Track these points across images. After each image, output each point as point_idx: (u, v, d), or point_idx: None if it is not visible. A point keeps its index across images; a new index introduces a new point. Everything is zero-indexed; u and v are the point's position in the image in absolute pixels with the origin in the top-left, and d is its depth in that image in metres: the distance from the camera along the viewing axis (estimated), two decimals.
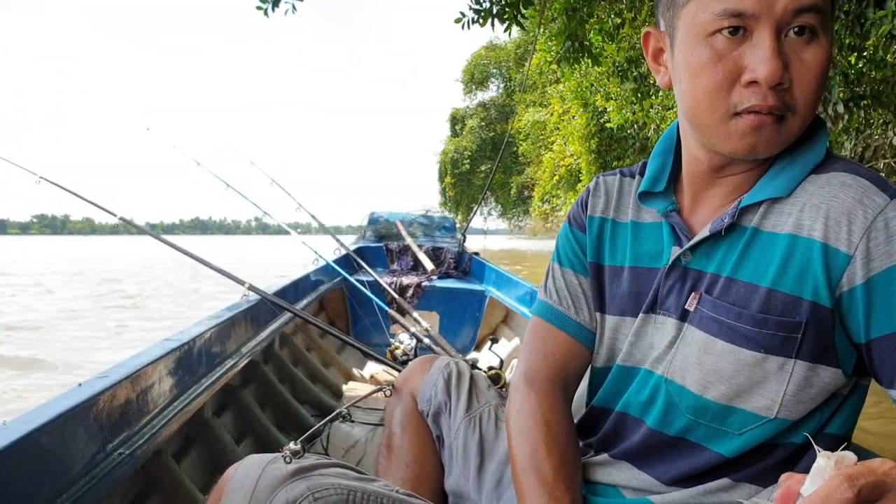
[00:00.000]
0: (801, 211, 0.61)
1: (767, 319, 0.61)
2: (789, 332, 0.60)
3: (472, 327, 3.22)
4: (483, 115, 30.35)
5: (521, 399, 0.77)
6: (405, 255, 3.79)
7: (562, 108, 17.19)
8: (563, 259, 0.82)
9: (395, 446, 0.99)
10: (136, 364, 1.20)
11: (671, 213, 0.71)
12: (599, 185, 0.82)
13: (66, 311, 8.06)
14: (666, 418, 0.69)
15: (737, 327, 0.62)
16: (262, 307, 2.03)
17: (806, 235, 0.60)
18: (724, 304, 0.64)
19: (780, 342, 0.60)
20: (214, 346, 1.60)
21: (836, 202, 0.59)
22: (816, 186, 0.62)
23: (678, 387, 0.67)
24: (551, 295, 0.81)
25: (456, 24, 3.89)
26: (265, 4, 3.69)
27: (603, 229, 0.79)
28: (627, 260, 0.75)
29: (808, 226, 0.60)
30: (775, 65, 0.56)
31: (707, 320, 0.65)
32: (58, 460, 0.92)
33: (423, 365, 1.03)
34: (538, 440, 0.72)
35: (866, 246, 0.56)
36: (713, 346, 0.64)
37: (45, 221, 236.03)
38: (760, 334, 0.61)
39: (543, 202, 22.07)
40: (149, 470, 1.27)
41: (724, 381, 0.63)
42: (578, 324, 0.80)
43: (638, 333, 0.73)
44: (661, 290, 0.70)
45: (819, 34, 0.58)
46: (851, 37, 3.23)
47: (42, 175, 2.02)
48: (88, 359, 4.91)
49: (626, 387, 0.74)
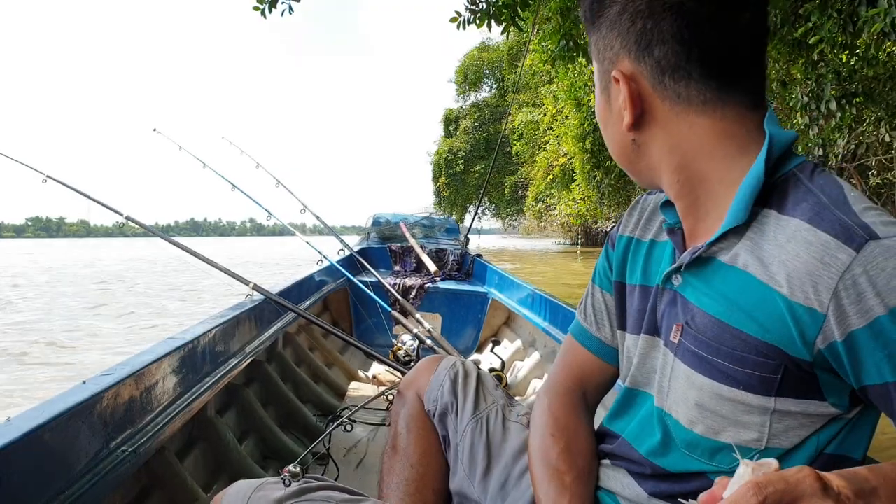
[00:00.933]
0: (770, 262, 0.58)
1: (745, 358, 0.59)
2: (768, 372, 0.58)
3: (475, 329, 3.23)
4: (476, 115, 30.39)
5: (538, 403, 0.83)
6: (409, 256, 3.81)
7: (555, 109, 17.24)
8: (596, 276, 0.84)
9: (401, 446, 0.98)
10: (140, 362, 1.19)
11: (676, 231, 0.69)
12: (637, 204, 0.81)
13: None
14: (663, 450, 0.68)
15: (715, 363, 0.61)
16: (265, 307, 2.03)
17: (776, 289, 0.57)
18: (703, 339, 0.62)
19: (758, 381, 0.59)
20: (218, 345, 1.60)
21: (798, 262, 0.56)
22: (784, 237, 0.57)
23: (673, 420, 0.66)
24: (581, 312, 0.85)
25: (452, 23, 3.90)
26: (262, 5, 3.69)
27: (629, 248, 0.79)
28: (639, 278, 0.75)
29: (776, 281, 0.57)
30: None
31: (689, 354, 0.64)
32: (61, 457, 0.91)
33: (429, 365, 1.03)
34: (545, 431, 0.78)
35: (837, 305, 0.54)
36: (695, 380, 0.63)
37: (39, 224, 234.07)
38: (739, 372, 0.60)
39: (537, 202, 22.12)
40: (152, 468, 1.27)
41: (708, 416, 0.62)
42: (598, 340, 0.82)
43: (643, 355, 0.72)
44: (658, 312, 0.69)
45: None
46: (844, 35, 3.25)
47: (49, 174, 2.01)
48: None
49: (630, 410, 0.74)
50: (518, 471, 0.87)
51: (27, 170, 2.00)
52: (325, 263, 3.03)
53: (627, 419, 0.74)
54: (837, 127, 3.97)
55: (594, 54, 0.68)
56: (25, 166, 2.00)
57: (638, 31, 0.61)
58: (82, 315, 7.95)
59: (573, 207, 17.79)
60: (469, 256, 3.80)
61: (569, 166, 17.59)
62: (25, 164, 2.00)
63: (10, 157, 1.96)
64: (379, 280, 3.20)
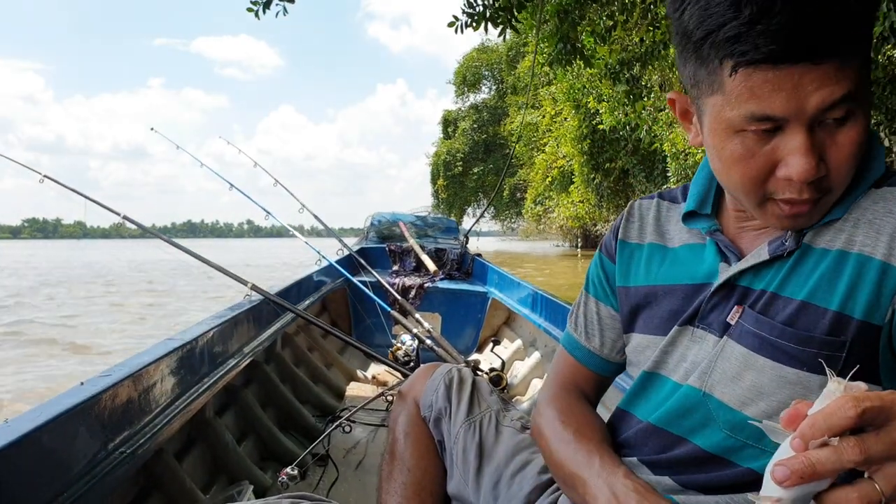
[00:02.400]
0: (855, 227, 0.60)
1: (812, 338, 0.59)
2: (833, 350, 0.59)
3: (475, 329, 3.23)
4: (475, 117, 30.42)
5: (537, 411, 0.84)
6: (408, 256, 3.79)
7: (553, 110, 17.27)
8: (589, 286, 0.85)
9: (398, 452, 0.99)
10: (138, 363, 1.19)
11: (716, 233, 0.70)
12: (634, 211, 0.81)
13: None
14: (703, 432, 0.67)
15: (779, 344, 0.61)
16: (264, 307, 2.03)
17: (857, 251, 0.59)
18: (766, 320, 0.62)
19: (823, 360, 0.58)
20: (216, 345, 1.59)
21: (890, 217, 0.57)
22: (871, 201, 0.60)
23: (717, 401, 0.65)
24: (571, 321, 0.86)
25: (449, 27, 3.90)
26: (256, 6, 3.70)
27: (636, 254, 0.78)
28: (663, 279, 0.75)
29: (860, 241, 0.59)
30: (810, 164, 0.55)
31: (748, 335, 0.63)
32: (59, 459, 0.91)
33: (426, 372, 1.05)
34: (555, 423, 0.79)
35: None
36: (754, 361, 0.63)
37: (36, 225, 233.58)
38: (804, 352, 0.60)
39: (536, 204, 22.13)
40: (150, 469, 1.27)
41: (764, 398, 0.62)
42: (587, 350, 0.83)
43: (672, 344, 0.71)
44: (705, 307, 0.69)
45: (854, 114, 0.56)
46: None
47: (45, 174, 2.01)
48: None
49: (652, 394, 0.73)
50: (510, 472, 0.87)
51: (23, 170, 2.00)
52: (324, 263, 3.02)
53: (655, 404, 0.73)
54: None
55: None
56: (23, 166, 2.01)
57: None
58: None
59: (572, 210, 17.81)
60: (469, 256, 3.80)
61: (567, 168, 17.63)
62: (23, 164, 2.00)
63: (7, 158, 1.96)
64: (378, 280, 3.19)
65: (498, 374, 2.35)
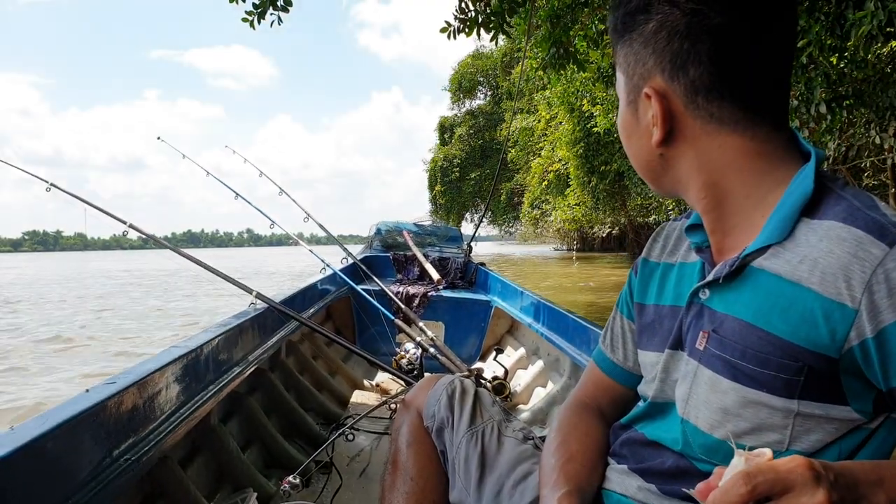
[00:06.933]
0: (802, 262, 0.59)
1: (769, 360, 0.60)
2: (791, 374, 0.59)
3: (478, 337, 3.23)
4: (471, 122, 30.51)
5: (557, 416, 0.89)
6: (412, 264, 3.80)
7: (548, 115, 17.32)
8: (620, 302, 0.88)
9: (401, 461, 1.00)
10: (143, 370, 1.19)
11: (704, 249, 0.71)
12: (662, 231, 0.83)
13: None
14: (685, 450, 0.69)
15: (740, 366, 0.62)
16: (268, 315, 2.03)
17: (808, 287, 0.58)
18: (729, 343, 0.63)
19: (782, 383, 0.59)
20: (221, 353, 1.60)
21: (832, 258, 0.57)
22: (816, 237, 0.59)
23: (692, 427, 0.67)
24: (603, 334, 0.90)
25: (442, 33, 3.92)
26: (251, 16, 3.72)
27: (654, 272, 0.81)
28: (670, 298, 0.76)
29: (805, 279, 0.58)
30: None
31: (714, 359, 0.65)
32: (64, 466, 0.91)
33: (429, 382, 1.06)
34: (552, 435, 0.83)
35: (870, 300, 0.54)
36: (719, 384, 0.64)
37: (36, 238, 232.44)
38: (763, 374, 0.60)
39: (533, 207, 22.16)
40: (155, 476, 1.27)
41: (730, 420, 0.63)
42: (612, 362, 0.87)
43: (666, 370, 0.73)
44: (684, 328, 0.71)
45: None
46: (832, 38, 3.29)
47: (52, 182, 2.02)
48: None
49: (655, 418, 0.75)
50: (512, 482, 0.88)
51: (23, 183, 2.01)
52: (328, 272, 3.03)
53: (648, 423, 0.76)
54: (828, 130, 4.00)
55: (622, 67, 0.69)
56: (32, 175, 2.01)
57: (674, 51, 0.62)
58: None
59: (568, 213, 17.84)
60: (472, 265, 3.80)
61: (563, 172, 17.66)
62: (32, 174, 2.01)
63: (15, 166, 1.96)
64: (382, 288, 3.19)
65: (501, 382, 2.35)
